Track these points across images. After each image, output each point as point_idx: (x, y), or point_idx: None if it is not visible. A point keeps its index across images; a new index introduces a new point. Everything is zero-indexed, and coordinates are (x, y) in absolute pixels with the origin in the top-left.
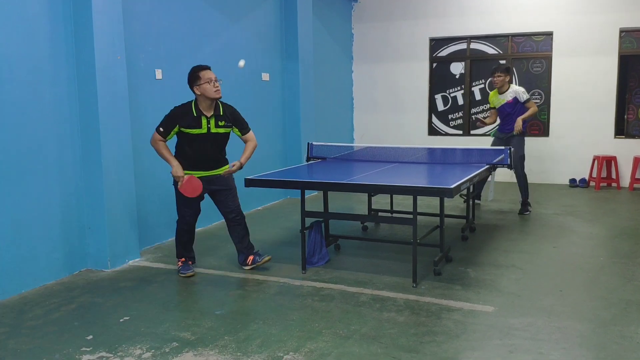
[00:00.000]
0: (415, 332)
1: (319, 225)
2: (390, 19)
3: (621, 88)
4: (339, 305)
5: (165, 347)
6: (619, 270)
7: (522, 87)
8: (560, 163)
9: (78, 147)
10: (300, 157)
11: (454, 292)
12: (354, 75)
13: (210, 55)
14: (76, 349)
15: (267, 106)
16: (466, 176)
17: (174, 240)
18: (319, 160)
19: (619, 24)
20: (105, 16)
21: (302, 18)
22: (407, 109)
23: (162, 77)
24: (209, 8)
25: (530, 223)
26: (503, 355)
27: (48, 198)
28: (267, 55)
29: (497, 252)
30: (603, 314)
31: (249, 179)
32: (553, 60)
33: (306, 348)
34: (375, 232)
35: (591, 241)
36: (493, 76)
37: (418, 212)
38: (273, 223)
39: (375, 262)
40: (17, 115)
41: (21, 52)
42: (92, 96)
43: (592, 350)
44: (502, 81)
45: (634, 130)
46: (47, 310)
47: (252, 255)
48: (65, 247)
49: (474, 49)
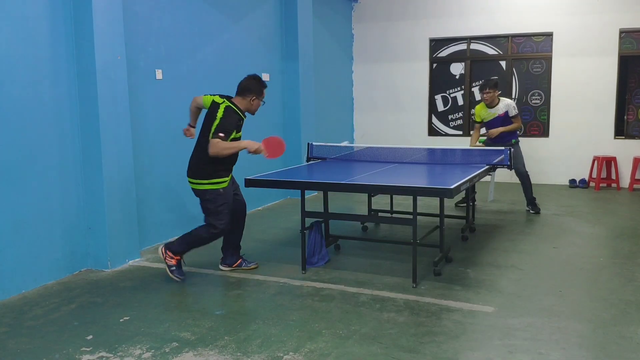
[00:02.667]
0: (415, 333)
1: (319, 226)
2: (391, 19)
3: (621, 89)
4: (339, 305)
5: (165, 347)
6: (618, 270)
7: (512, 101)
8: (560, 163)
9: (78, 147)
10: (300, 157)
11: (453, 293)
12: (354, 75)
13: (210, 55)
14: (76, 349)
15: (267, 106)
16: (466, 176)
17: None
18: (319, 161)
19: (619, 24)
20: (105, 16)
21: (302, 18)
22: (407, 110)
23: (162, 77)
24: (209, 8)
25: (530, 223)
26: (503, 356)
27: (48, 198)
28: (267, 55)
29: (497, 253)
30: (603, 314)
31: (249, 179)
32: (553, 61)
33: (306, 348)
34: (375, 232)
35: (591, 241)
36: (482, 93)
37: (418, 213)
38: (273, 223)
39: (375, 262)
40: (17, 115)
41: (21, 52)
42: (92, 96)
43: (591, 350)
44: (491, 97)
45: (633, 130)
46: (47, 310)
47: (240, 259)
48: (65, 247)
49: (474, 49)
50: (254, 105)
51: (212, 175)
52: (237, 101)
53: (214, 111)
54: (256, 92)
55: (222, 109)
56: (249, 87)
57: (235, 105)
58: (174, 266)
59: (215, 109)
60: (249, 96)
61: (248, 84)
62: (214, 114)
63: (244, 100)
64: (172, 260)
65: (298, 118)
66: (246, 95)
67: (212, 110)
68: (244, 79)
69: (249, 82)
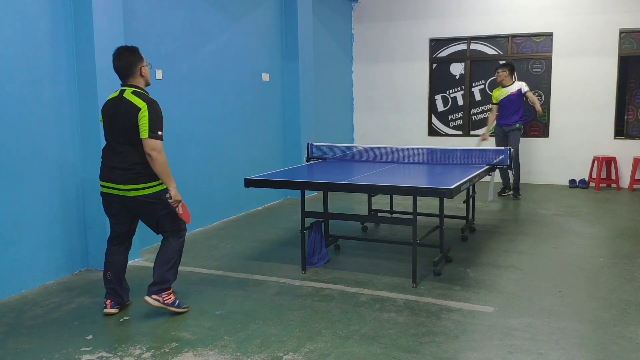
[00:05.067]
0: (414, 333)
1: (318, 226)
2: (390, 19)
3: (621, 89)
4: (339, 305)
5: (165, 347)
6: (618, 270)
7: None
8: (560, 164)
9: (78, 147)
10: (300, 157)
11: (453, 293)
12: (354, 75)
13: (210, 55)
14: (76, 349)
15: (267, 106)
16: (466, 177)
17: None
18: (318, 161)
19: (619, 24)
20: (105, 16)
21: (302, 18)
22: (407, 110)
23: (162, 77)
24: (209, 8)
25: (530, 223)
26: (503, 356)
27: (48, 198)
28: (267, 55)
29: (497, 253)
30: (603, 315)
31: (248, 179)
32: (553, 61)
33: (306, 348)
34: (375, 232)
35: (591, 242)
36: (496, 72)
37: (418, 213)
38: (273, 223)
39: (375, 262)
40: (17, 115)
41: (21, 51)
42: (92, 96)
43: (591, 350)
44: (503, 76)
45: (633, 131)
46: (47, 310)
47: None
48: (65, 247)
49: (474, 49)
50: (146, 75)
51: (153, 176)
52: (136, 83)
53: (129, 108)
54: (138, 60)
55: (141, 100)
56: (130, 62)
57: (140, 88)
58: (175, 300)
59: (127, 105)
60: (137, 70)
61: (126, 59)
62: (132, 111)
63: (136, 79)
64: (169, 297)
65: (298, 118)
66: (134, 72)
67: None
68: (116, 59)
69: (126, 57)
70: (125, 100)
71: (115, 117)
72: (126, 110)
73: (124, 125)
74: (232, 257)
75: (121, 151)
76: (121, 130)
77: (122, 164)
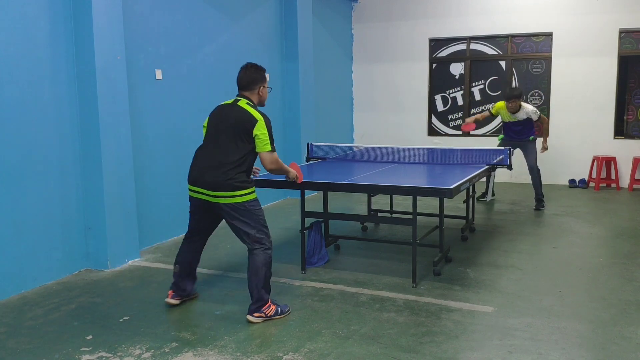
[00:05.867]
0: (414, 333)
1: (318, 226)
2: (390, 19)
3: (621, 89)
4: (339, 305)
5: (165, 347)
6: (618, 270)
7: (533, 107)
8: (559, 163)
9: (78, 147)
10: (300, 157)
11: (453, 293)
12: (353, 75)
13: (210, 55)
14: (76, 349)
15: (268, 106)
16: (466, 177)
17: (173, 240)
18: (318, 161)
19: (619, 24)
20: (105, 16)
21: (302, 18)
22: (406, 110)
23: (162, 77)
24: (209, 8)
25: (530, 223)
26: (502, 356)
27: (48, 198)
28: (267, 55)
29: (497, 253)
30: (602, 315)
31: None
32: (553, 61)
33: (306, 348)
34: (375, 232)
35: (591, 241)
36: (508, 102)
37: (418, 213)
38: (273, 223)
39: (375, 262)
40: (17, 115)
41: (21, 52)
42: (92, 96)
43: (591, 350)
44: (516, 106)
45: (633, 130)
46: (47, 310)
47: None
48: (65, 247)
49: (474, 49)
50: (263, 95)
51: (245, 183)
52: (253, 100)
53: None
54: (261, 79)
55: (257, 112)
56: (254, 78)
57: (253, 103)
58: (276, 309)
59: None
60: (256, 87)
61: (251, 74)
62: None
63: (253, 94)
64: (269, 309)
65: (298, 118)
66: (254, 88)
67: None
68: (242, 71)
69: (251, 72)
70: (239, 107)
71: (226, 121)
72: (239, 116)
73: (234, 128)
74: (232, 257)
75: (219, 153)
76: (230, 132)
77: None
